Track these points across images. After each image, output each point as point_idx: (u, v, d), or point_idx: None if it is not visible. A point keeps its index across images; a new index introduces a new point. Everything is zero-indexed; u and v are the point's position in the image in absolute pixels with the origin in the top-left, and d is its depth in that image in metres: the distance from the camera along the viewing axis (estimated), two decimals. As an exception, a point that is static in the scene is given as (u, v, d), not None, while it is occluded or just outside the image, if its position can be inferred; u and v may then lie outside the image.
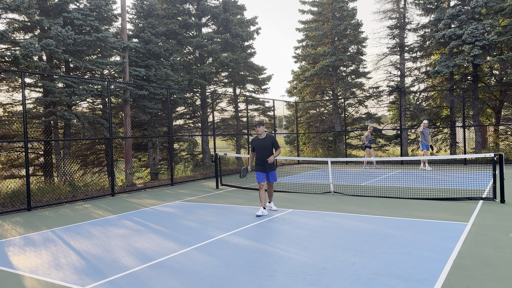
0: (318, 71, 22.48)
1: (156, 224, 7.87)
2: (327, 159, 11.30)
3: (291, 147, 26.71)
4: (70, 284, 4.78)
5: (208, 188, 12.89)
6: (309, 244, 6.04)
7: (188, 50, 19.39)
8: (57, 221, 8.59)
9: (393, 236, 6.32)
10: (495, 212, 7.81)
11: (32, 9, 11.80)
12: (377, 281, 4.52)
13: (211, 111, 18.74)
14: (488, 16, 18.10)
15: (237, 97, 21.47)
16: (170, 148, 15.11)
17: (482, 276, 4.56)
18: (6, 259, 5.91)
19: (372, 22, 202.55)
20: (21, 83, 9.86)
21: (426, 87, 22.60)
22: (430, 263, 5.02)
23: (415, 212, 8.08)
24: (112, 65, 13.83)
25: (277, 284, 4.52)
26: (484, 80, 20.61)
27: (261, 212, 8.36)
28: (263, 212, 8.37)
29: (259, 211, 8.36)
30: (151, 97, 15.38)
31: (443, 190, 10.60)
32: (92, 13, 13.46)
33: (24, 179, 11.22)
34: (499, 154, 8.74)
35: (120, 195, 12.26)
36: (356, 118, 24.25)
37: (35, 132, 13.93)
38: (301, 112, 24.96)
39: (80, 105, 15.49)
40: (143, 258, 5.67)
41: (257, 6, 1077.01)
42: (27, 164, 9.91)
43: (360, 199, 9.81)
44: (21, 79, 10.05)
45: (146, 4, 16.77)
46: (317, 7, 23.75)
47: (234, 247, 6.07)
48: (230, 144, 23.88)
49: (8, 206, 10.23)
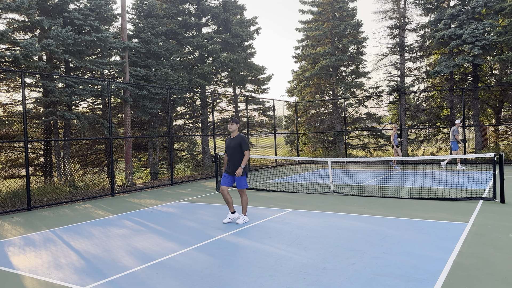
0: (318, 71, 22.48)
1: (156, 224, 7.86)
2: (327, 159, 11.30)
3: (291, 147, 26.72)
4: (70, 284, 4.78)
5: (208, 188, 12.89)
6: (309, 244, 6.04)
7: (188, 50, 19.39)
8: (57, 221, 8.59)
9: (393, 236, 6.32)
10: (495, 212, 7.81)
11: (32, 9, 11.80)
12: (377, 281, 4.52)
13: (211, 111, 18.74)
14: (488, 16, 18.10)
15: (237, 97, 21.47)
16: (170, 148, 15.11)
17: (482, 276, 4.56)
18: (6, 259, 5.91)
19: (372, 22, 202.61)
20: (21, 83, 9.86)
21: (426, 87, 22.61)
22: (430, 263, 5.02)
23: (415, 212, 8.08)
24: (112, 65, 13.83)
25: (277, 284, 4.52)
26: (484, 80, 20.61)
27: (228, 218, 7.73)
28: (231, 218, 7.72)
29: (226, 218, 7.76)
30: (151, 97, 15.38)
31: (443, 190, 10.60)
32: (92, 13, 13.46)
33: (24, 179, 11.22)
34: (499, 154, 8.74)
35: (120, 195, 12.26)
36: (356, 118, 24.25)
37: (35, 132, 13.93)
38: (301, 112, 24.96)
39: (80, 105, 15.50)
40: (143, 258, 5.67)
41: (257, 6, 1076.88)
42: (27, 164, 9.90)
43: (360, 199, 9.81)
44: (21, 79, 10.05)
45: (146, 4, 16.77)
46: (317, 7, 23.76)
47: (234, 247, 6.07)
48: (230, 144, 23.81)
49: (8, 206, 10.23)
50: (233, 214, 7.75)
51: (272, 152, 24.90)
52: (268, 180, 14.58)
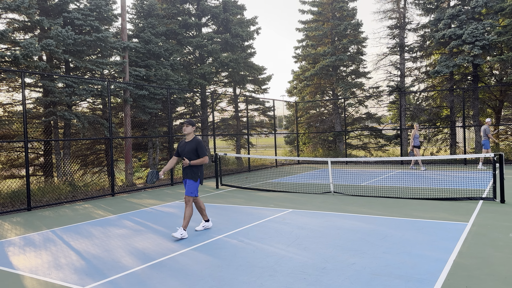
0: (318, 71, 22.48)
1: (156, 224, 7.86)
2: (327, 159, 11.30)
3: (291, 147, 26.72)
4: (70, 284, 4.78)
5: (208, 188, 12.89)
6: (309, 244, 6.04)
7: (188, 50, 19.39)
8: (57, 221, 8.59)
9: (393, 236, 6.32)
10: (495, 212, 7.81)
11: (32, 9, 11.80)
12: (377, 281, 4.52)
13: (211, 111, 18.74)
14: (488, 16, 18.10)
15: (237, 97, 21.47)
16: (170, 148, 15.10)
17: (482, 276, 4.56)
18: (6, 259, 5.91)
19: (372, 22, 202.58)
20: (21, 83, 9.86)
21: (426, 87, 22.60)
22: (430, 263, 5.02)
23: (415, 212, 8.08)
24: (112, 65, 13.83)
25: (277, 284, 4.52)
26: (484, 80, 20.61)
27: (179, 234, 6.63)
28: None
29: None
30: (151, 97, 15.38)
31: (443, 190, 10.60)
32: (92, 13, 13.47)
33: (24, 179, 11.22)
34: (499, 154, 8.74)
35: (120, 195, 12.26)
36: (356, 118, 24.26)
37: (35, 132, 13.93)
38: (301, 112, 24.96)
39: (80, 105, 15.50)
40: (143, 258, 5.67)
41: (257, 6, 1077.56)
42: (27, 164, 9.90)
43: (360, 199, 9.81)
44: (21, 79, 10.05)
45: (146, 4, 16.77)
46: (317, 7, 23.76)
47: (234, 247, 6.07)
48: (230, 144, 23.87)
49: (8, 206, 10.23)
50: (207, 222, 7.29)
51: (272, 152, 24.89)
52: (268, 180, 14.58)
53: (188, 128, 6.86)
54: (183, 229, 6.65)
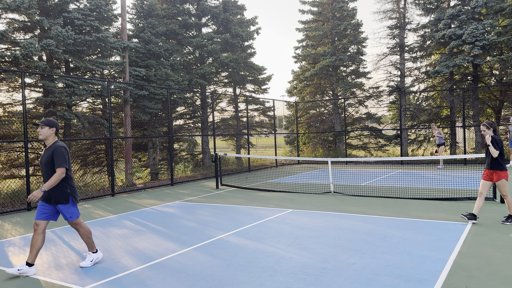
0: (318, 71, 22.48)
1: (156, 224, 7.86)
2: (327, 159, 11.31)
3: (291, 147, 26.73)
4: (70, 284, 4.78)
5: (208, 188, 12.89)
6: (309, 244, 6.04)
7: (188, 50, 19.39)
8: (57, 221, 8.58)
9: (393, 236, 6.32)
10: (495, 212, 7.81)
11: (32, 9, 11.80)
12: (377, 281, 4.52)
13: (211, 111, 18.73)
14: (488, 16, 18.10)
15: (237, 97, 21.47)
16: (170, 148, 15.11)
17: (482, 276, 4.56)
18: (6, 259, 5.91)
19: (372, 22, 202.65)
20: (21, 83, 9.87)
21: (426, 87, 22.61)
22: (430, 263, 5.02)
23: (415, 212, 8.08)
24: (112, 65, 13.83)
25: (277, 284, 4.52)
26: (484, 80, 20.61)
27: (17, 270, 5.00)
28: (20, 272, 5.00)
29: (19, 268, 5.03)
30: (151, 97, 15.39)
31: (443, 190, 10.60)
32: (92, 13, 13.47)
33: (24, 179, 11.21)
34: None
35: (120, 195, 12.26)
36: (356, 118, 24.26)
37: (35, 132, 13.92)
38: (301, 112, 24.96)
39: (80, 105, 15.49)
40: (143, 258, 5.67)
41: (257, 6, 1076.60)
42: (27, 164, 9.91)
43: (360, 199, 9.81)
44: (21, 79, 10.05)
45: (146, 4, 16.77)
46: (317, 7, 23.77)
47: (234, 247, 6.07)
48: (230, 144, 23.88)
49: (8, 206, 10.23)
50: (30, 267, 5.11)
51: (272, 152, 24.89)
52: (268, 180, 14.58)
53: (44, 129, 5.13)
54: (91, 252, 5.51)
